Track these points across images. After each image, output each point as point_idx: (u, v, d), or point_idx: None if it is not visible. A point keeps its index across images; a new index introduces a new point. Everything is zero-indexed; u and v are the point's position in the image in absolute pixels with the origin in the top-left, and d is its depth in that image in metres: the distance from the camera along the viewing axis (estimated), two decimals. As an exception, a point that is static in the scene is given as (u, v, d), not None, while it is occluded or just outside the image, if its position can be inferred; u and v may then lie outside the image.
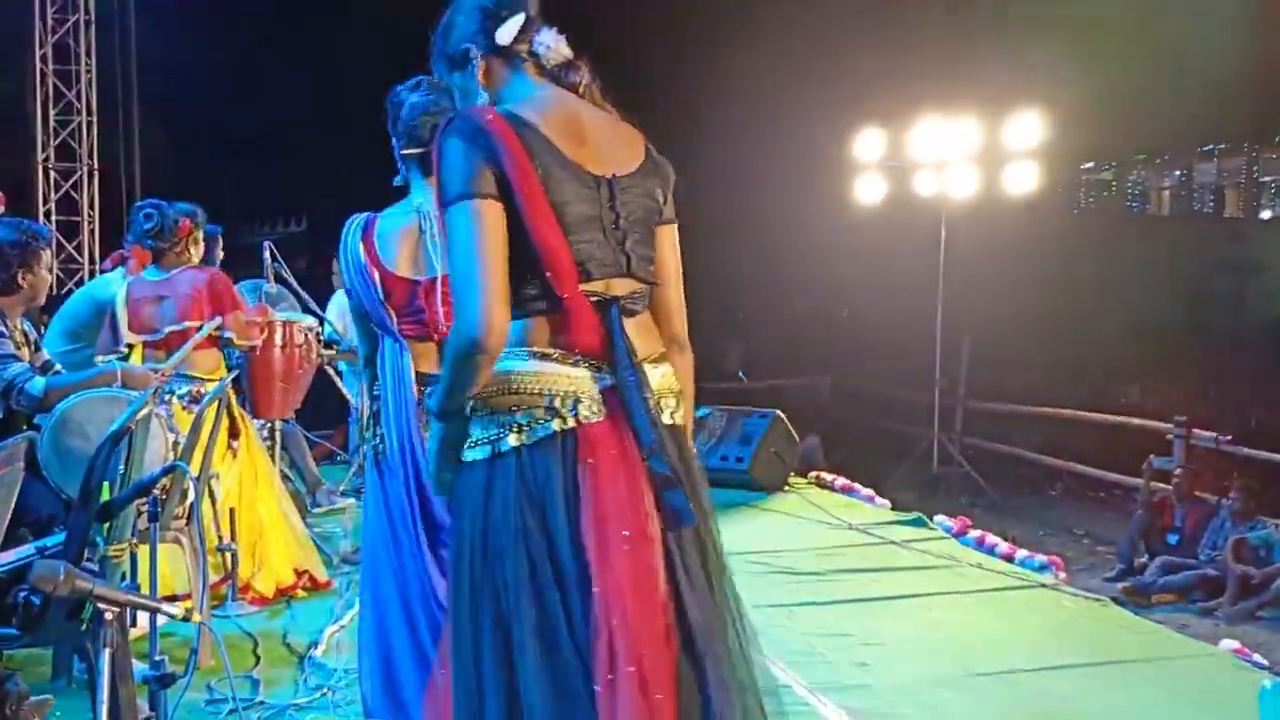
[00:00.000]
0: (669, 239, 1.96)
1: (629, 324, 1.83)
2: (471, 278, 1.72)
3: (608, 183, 1.85)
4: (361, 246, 2.58)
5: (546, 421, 1.77)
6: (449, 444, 1.85)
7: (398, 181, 2.65)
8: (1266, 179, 24.14)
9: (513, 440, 1.78)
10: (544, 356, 1.79)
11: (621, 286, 1.85)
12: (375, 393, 2.65)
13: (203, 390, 3.89)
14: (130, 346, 4.13)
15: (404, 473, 2.56)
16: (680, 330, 1.97)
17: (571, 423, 1.77)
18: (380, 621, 2.57)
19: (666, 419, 1.86)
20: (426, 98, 2.59)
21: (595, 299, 1.81)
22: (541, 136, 1.79)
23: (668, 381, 1.90)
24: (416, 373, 2.58)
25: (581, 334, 1.79)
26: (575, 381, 1.79)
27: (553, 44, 1.92)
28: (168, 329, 4.09)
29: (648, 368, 1.83)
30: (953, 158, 9.53)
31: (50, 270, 3.93)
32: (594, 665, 1.69)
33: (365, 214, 2.64)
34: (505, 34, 1.89)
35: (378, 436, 2.61)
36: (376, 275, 2.57)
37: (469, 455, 1.83)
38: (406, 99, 2.62)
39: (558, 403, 1.77)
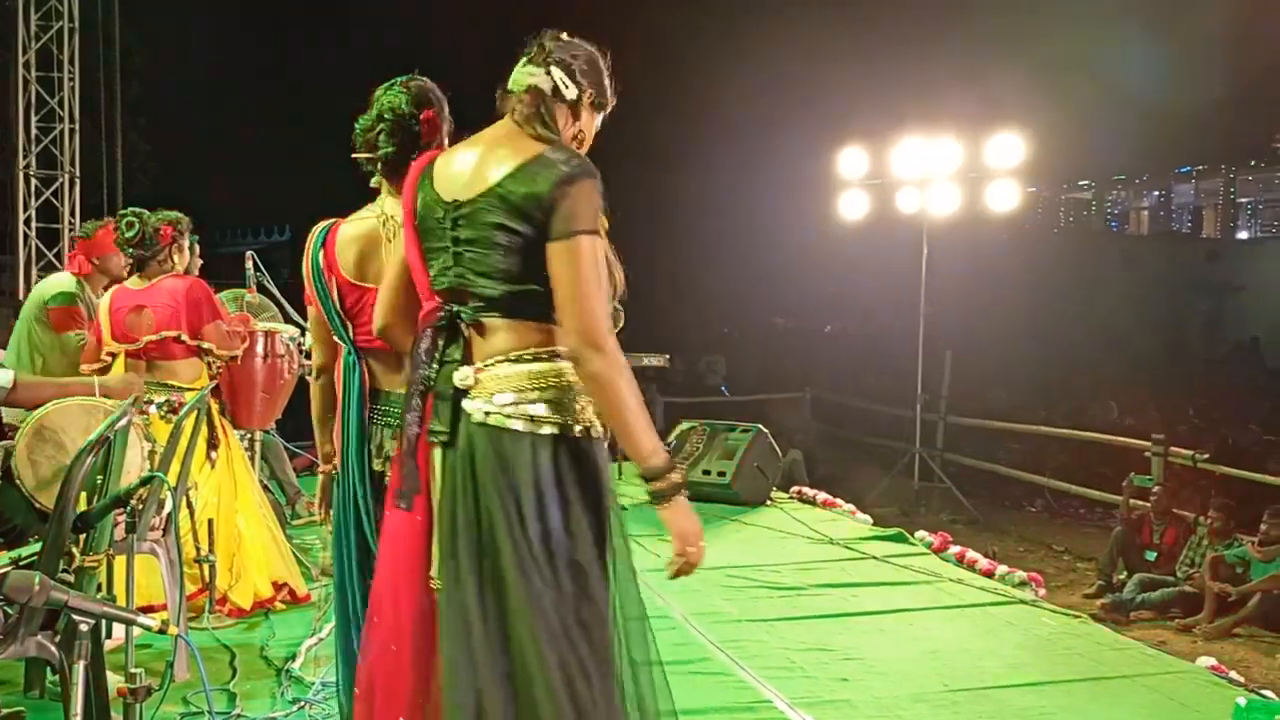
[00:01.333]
0: (555, 256, 1.96)
1: (475, 331, 2.04)
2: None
3: (453, 207, 2.04)
4: (323, 252, 2.52)
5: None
6: None
7: (373, 184, 2.57)
8: (1243, 200, 24.41)
9: None
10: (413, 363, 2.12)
11: (467, 299, 2.05)
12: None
13: (182, 400, 3.86)
14: (113, 355, 4.10)
15: (348, 489, 2.46)
16: (576, 343, 1.95)
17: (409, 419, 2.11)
18: (351, 634, 2.51)
19: (479, 417, 2.00)
20: (394, 101, 2.48)
21: (440, 310, 2.07)
22: (431, 171, 2.10)
23: (508, 382, 2.00)
24: (374, 389, 2.49)
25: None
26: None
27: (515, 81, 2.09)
28: (145, 339, 4.06)
29: (482, 367, 2.02)
30: (935, 176, 9.60)
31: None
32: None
33: (333, 219, 2.59)
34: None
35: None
36: (333, 281, 2.50)
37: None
38: (378, 100, 2.51)
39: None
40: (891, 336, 11.13)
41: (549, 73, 2.05)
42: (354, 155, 2.54)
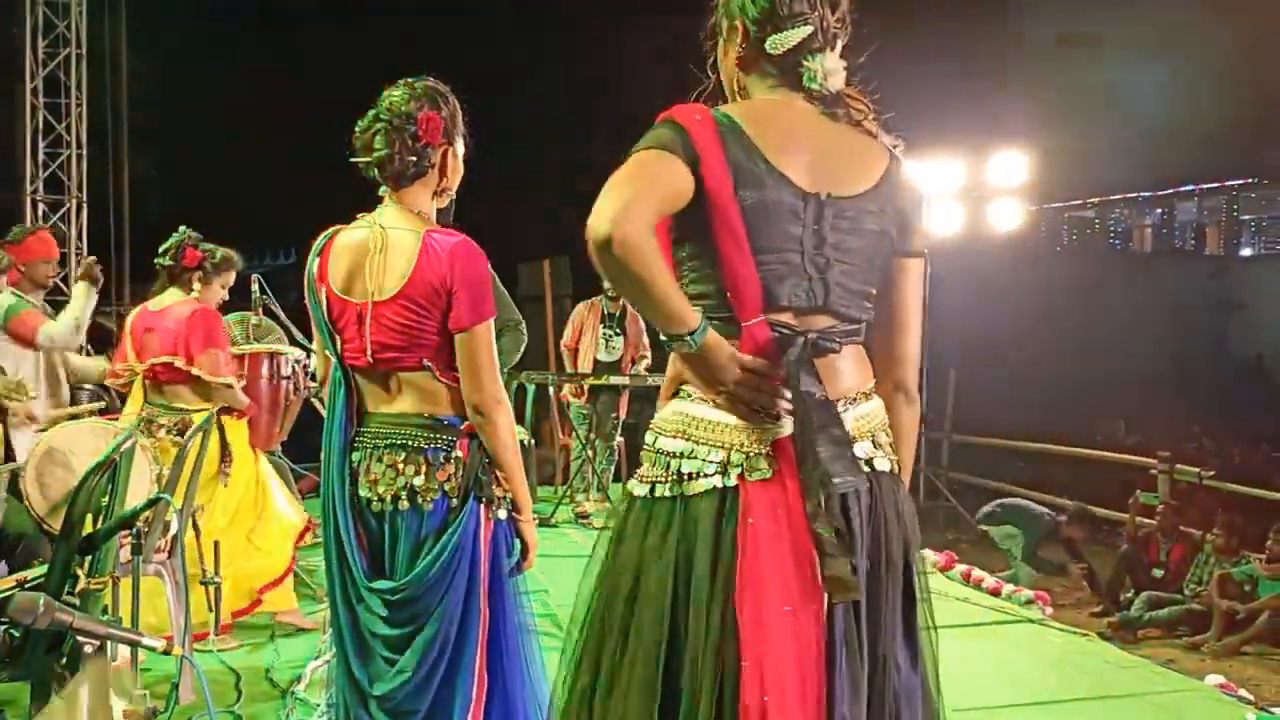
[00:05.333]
0: (910, 275, 1.76)
1: (822, 364, 1.64)
2: (617, 183, 1.54)
3: (817, 201, 1.64)
4: (318, 260, 2.38)
5: (710, 475, 1.64)
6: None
7: (381, 192, 2.41)
8: (1247, 217, 24.44)
9: (668, 489, 1.67)
10: (722, 404, 1.65)
11: (818, 321, 1.66)
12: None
13: (188, 421, 3.87)
14: (134, 372, 4.12)
15: (329, 513, 2.35)
16: (906, 378, 1.77)
17: (734, 480, 1.63)
18: (348, 658, 2.43)
19: (879, 464, 1.69)
20: (394, 101, 2.33)
21: (780, 330, 1.62)
22: (748, 141, 1.61)
23: (869, 423, 1.71)
24: (360, 410, 2.35)
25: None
26: (748, 434, 1.63)
27: (826, 74, 1.70)
28: (149, 361, 4.09)
29: (843, 409, 1.66)
30: (937, 194, 9.63)
31: None
32: None
33: (339, 226, 2.47)
34: (776, 44, 1.68)
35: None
36: (323, 291, 2.36)
37: (635, 489, 1.73)
38: (380, 100, 2.37)
39: (727, 456, 1.64)
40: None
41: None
42: (350, 159, 2.42)
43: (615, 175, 1.55)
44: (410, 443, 2.27)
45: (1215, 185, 23.38)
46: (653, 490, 1.69)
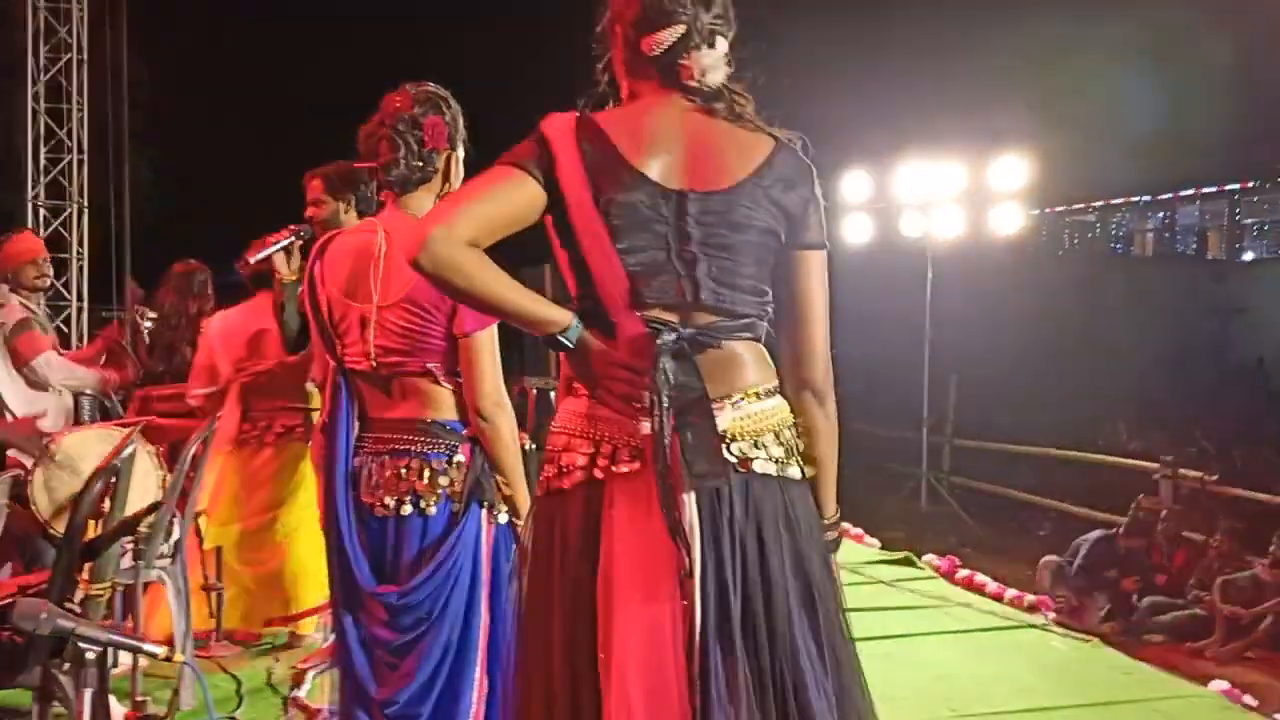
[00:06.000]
0: (805, 268, 1.72)
1: (704, 360, 1.64)
2: (447, 202, 1.70)
3: (679, 197, 1.65)
4: (320, 262, 2.39)
5: (580, 469, 1.67)
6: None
7: (379, 198, 2.43)
8: (1248, 221, 24.43)
9: (548, 484, 1.70)
10: (600, 399, 1.66)
11: (697, 317, 1.66)
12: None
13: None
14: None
15: (333, 518, 2.34)
16: (811, 376, 1.72)
17: (599, 474, 1.65)
18: (350, 661, 2.41)
19: (759, 466, 1.66)
20: (398, 107, 2.34)
21: (654, 327, 1.63)
22: (608, 144, 1.65)
23: (756, 422, 1.67)
24: (363, 415, 2.34)
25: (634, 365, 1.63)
26: (620, 427, 1.64)
27: (703, 70, 1.70)
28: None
29: (724, 407, 1.65)
30: (938, 199, 9.63)
31: None
32: None
33: (339, 229, 2.48)
34: (652, 44, 1.70)
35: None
36: (324, 296, 2.36)
37: (537, 490, 1.77)
38: (383, 106, 2.38)
39: (595, 449, 1.66)
40: (896, 360, 11.13)
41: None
42: (355, 164, 2.43)
43: (453, 192, 1.66)
44: (412, 447, 2.27)
45: (1217, 189, 23.40)
46: (547, 489, 1.73)
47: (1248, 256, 23.77)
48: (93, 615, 2.64)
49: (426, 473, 2.26)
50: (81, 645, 1.90)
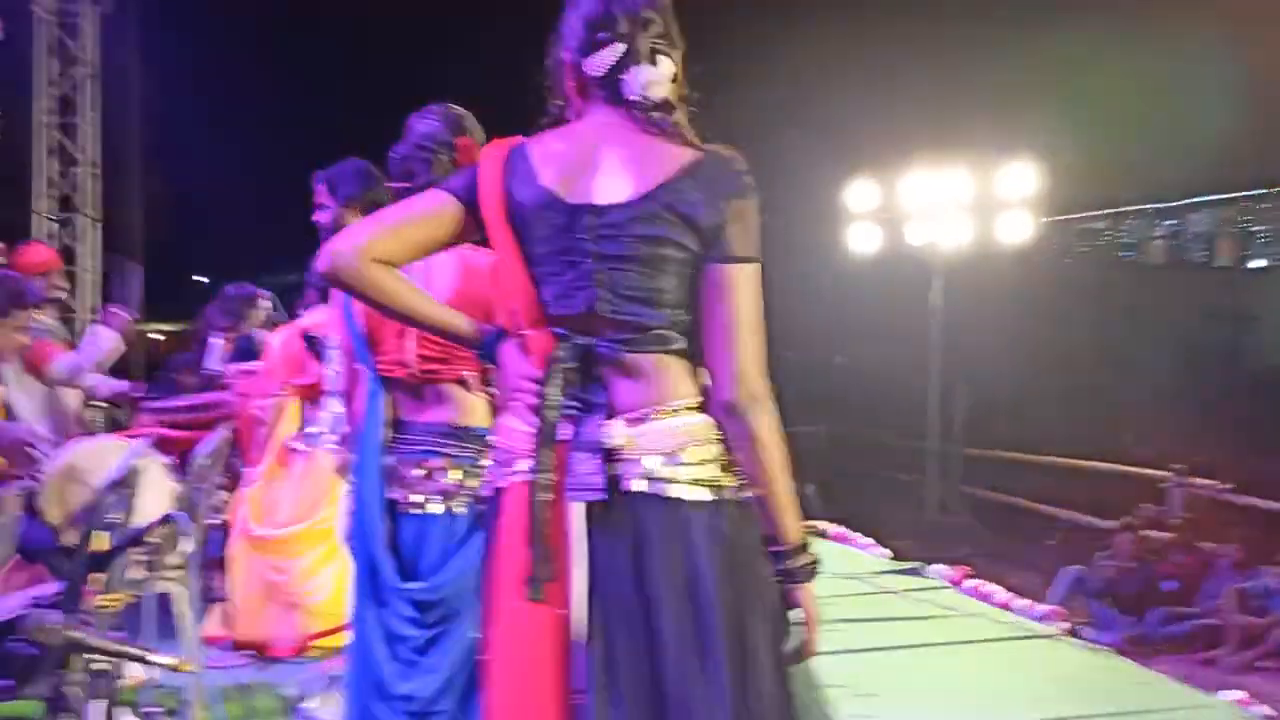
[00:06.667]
0: (719, 282, 1.67)
1: (607, 373, 1.67)
2: (366, 219, 1.79)
3: (578, 212, 1.69)
4: None
5: (488, 479, 1.78)
6: None
7: None
8: (1259, 228, 24.36)
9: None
10: (513, 409, 1.73)
11: (601, 330, 1.68)
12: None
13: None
14: None
15: (364, 519, 2.45)
16: (728, 394, 1.66)
17: (503, 482, 1.72)
18: (364, 665, 2.49)
19: (639, 485, 1.64)
20: (429, 128, 2.48)
21: (561, 339, 1.69)
22: (527, 164, 1.73)
23: (661, 440, 1.66)
24: (396, 419, 2.47)
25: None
26: (520, 437, 1.70)
27: (643, 86, 1.73)
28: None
29: (623, 421, 1.66)
30: (946, 207, 9.63)
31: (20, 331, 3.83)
32: None
33: None
34: (594, 65, 1.75)
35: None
36: (358, 307, 2.46)
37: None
38: (413, 128, 2.52)
39: (503, 457, 1.74)
40: (904, 369, 11.13)
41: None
42: (389, 184, 2.54)
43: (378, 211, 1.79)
44: (442, 450, 2.41)
45: (1226, 196, 23.33)
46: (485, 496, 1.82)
47: (1258, 264, 23.68)
48: (102, 627, 2.65)
49: (456, 474, 2.39)
50: (91, 656, 1.91)
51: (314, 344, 3.87)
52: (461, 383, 2.43)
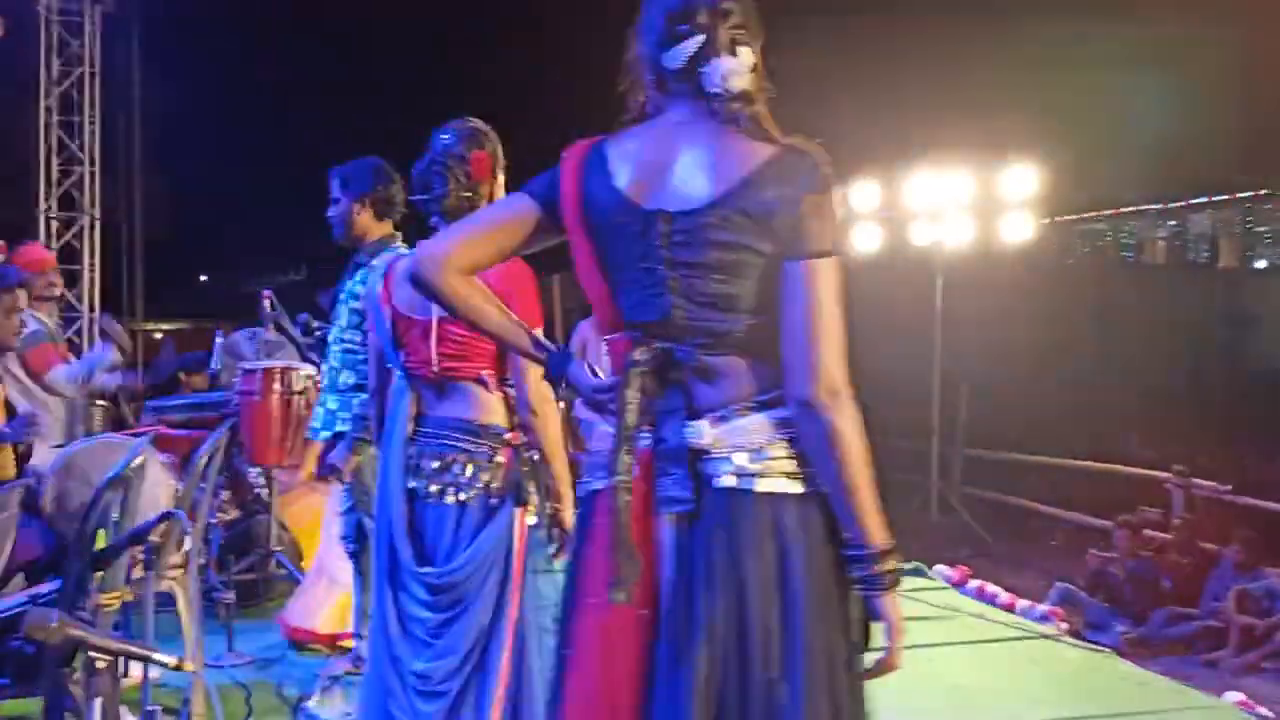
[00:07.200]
0: (798, 279, 1.63)
1: (683, 377, 1.67)
2: (453, 227, 1.83)
3: (654, 218, 1.67)
4: (382, 285, 2.70)
5: (591, 481, 1.78)
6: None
7: (432, 224, 2.71)
8: (1261, 229, 24.33)
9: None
10: (604, 417, 1.76)
11: (675, 333, 1.67)
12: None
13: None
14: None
15: (386, 509, 2.61)
16: (801, 389, 1.62)
17: (596, 485, 1.73)
18: (388, 657, 2.60)
19: (730, 481, 1.64)
20: (444, 144, 2.63)
21: (639, 344, 1.68)
22: (604, 168, 1.72)
23: (742, 437, 1.65)
24: (420, 413, 2.64)
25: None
26: (610, 443, 1.69)
27: (722, 77, 1.70)
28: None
29: (707, 421, 1.65)
30: (948, 208, 9.62)
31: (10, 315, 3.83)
32: None
33: (404, 253, 2.88)
34: (674, 58, 1.72)
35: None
36: (388, 313, 2.67)
37: None
38: (432, 143, 2.66)
39: (601, 463, 1.71)
40: (906, 370, 11.11)
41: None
42: (410, 198, 2.72)
43: (464, 218, 1.83)
44: (460, 444, 2.56)
45: (1229, 197, 23.30)
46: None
47: (1260, 264, 23.65)
48: (103, 625, 2.65)
49: (470, 468, 2.55)
50: (92, 655, 1.90)
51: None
52: (480, 381, 2.57)
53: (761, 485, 1.64)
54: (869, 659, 1.71)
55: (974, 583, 5.64)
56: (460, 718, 2.49)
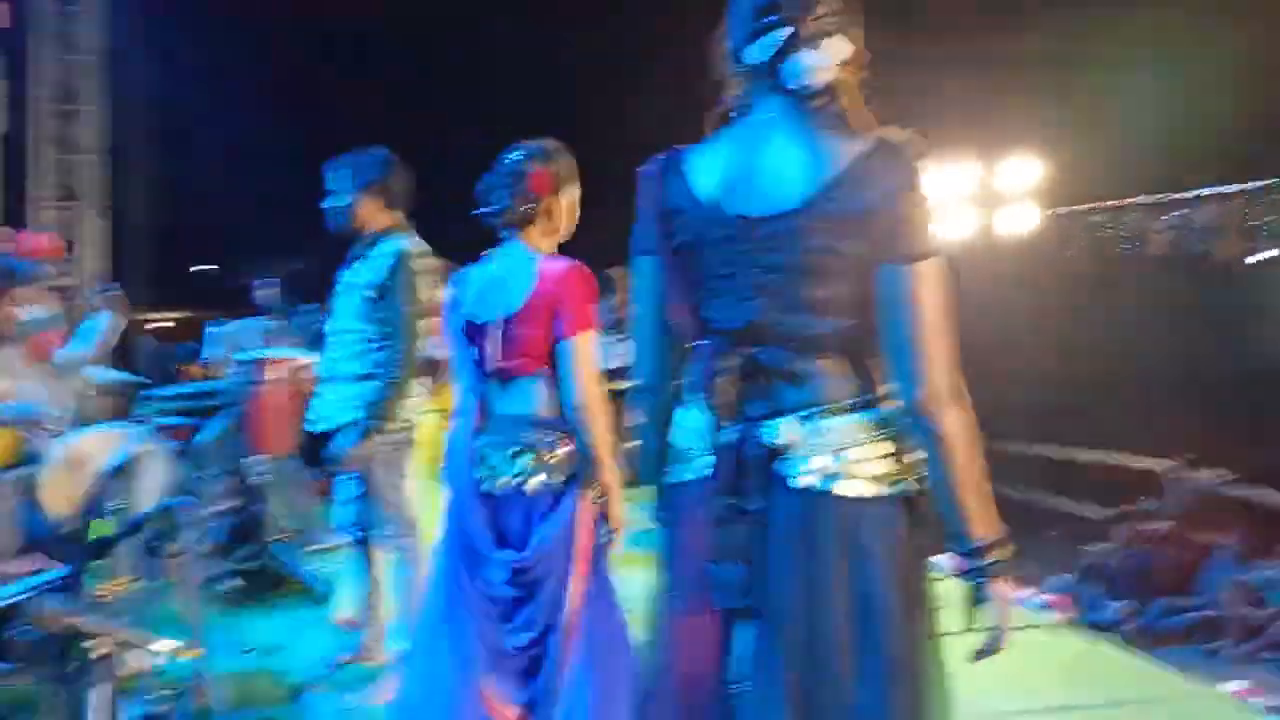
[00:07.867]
0: (897, 280, 1.61)
1: (781, 376, 1.66)
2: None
3: (744, 223, 1.66)
4: (453, 294, 2.89)
5: (680, 470, 1.76)
6: None
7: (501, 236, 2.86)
8: (1261, 221, 24.31)
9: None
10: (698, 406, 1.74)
11: (762, 338, 1.66)
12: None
13: None
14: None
15: (460, 503, 2.77)
16: (914, 393, 1.62)
17: (678, 478, 1.75)
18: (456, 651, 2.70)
19: (808, 481, 1.64)
20: (510, 160, 2.79)
21: (727, 350, 1.68)
22: (685, 177, 1.71)
23: (832, 437, 1.65)
24: (488, 413, 2.79)
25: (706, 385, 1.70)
26: (694, 436, 1.72)
27: (807, 71, 1.68)
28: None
29: (792, 422, 1.64)
30: (948, 199, 9.61)
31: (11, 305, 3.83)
32: None
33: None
34: (757, 53, 1.69)
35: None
36: (459, 318, 2.85)
37: None
38: (500, 158, 2.82)
39: (684, 457, 1.74)
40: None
41: None
42: (474, 211, 2.85)
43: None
44: (524, 437, 2.71)
45: (1230, 189, 23.28)
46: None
47: (1262, 256, 23.64)
48: (103, 614, 2.65)
49: (535, 459, 2.70)
50: (93, 642, 1.91)
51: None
52: (541, 378, 2.72)
53: (840, 488, 1.64)
54: (976, 638, 1.77)
55: (974, 573, 5.64)
56: (535, 681, 2.65)
